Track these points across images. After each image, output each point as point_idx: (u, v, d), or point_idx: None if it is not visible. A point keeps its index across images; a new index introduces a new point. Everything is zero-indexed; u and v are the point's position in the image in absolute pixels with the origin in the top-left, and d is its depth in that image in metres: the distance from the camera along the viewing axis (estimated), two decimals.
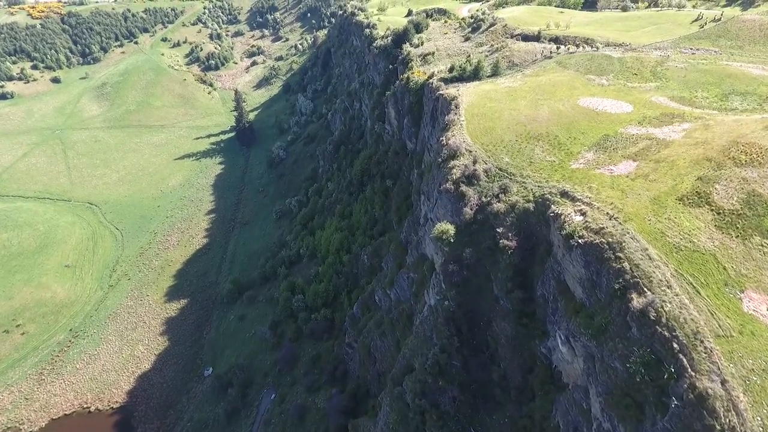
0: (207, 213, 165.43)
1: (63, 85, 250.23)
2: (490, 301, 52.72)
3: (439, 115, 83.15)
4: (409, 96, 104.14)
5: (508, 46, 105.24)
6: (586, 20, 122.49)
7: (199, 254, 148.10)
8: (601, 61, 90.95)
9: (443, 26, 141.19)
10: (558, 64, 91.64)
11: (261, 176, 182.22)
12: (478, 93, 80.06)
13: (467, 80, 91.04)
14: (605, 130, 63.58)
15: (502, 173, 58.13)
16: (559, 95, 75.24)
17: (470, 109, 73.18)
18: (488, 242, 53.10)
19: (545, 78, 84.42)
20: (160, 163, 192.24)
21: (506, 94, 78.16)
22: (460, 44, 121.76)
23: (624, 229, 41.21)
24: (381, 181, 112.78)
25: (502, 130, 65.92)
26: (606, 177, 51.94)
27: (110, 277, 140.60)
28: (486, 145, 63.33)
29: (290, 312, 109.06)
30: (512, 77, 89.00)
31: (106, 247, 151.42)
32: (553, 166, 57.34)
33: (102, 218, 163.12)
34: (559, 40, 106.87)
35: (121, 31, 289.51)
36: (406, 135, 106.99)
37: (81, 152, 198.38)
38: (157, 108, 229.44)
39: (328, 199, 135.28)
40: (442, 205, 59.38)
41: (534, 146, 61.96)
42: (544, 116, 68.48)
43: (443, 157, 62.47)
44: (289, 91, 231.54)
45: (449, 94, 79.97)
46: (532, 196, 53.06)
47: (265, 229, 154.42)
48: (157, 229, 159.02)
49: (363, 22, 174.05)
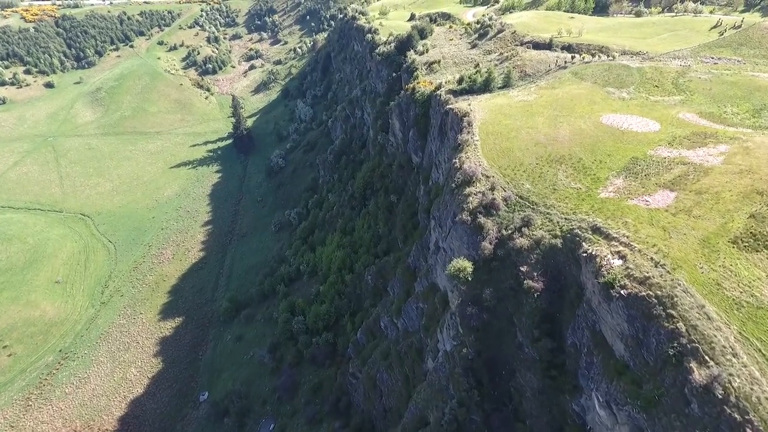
0: (203, 224, 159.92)
1: (56, 90, 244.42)
2: (513, 348, 47.44)
3: (449, 130, 77.95)
4: (414, 107, 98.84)
5: (518, 55, 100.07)
6: (599, 26, 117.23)
7: (195, 269, 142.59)
8: (619, 71, 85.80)
9: (448, 32, 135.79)
10: (574, 75, 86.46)
11: (259, 186, 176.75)
12: (491, 108, 74.79)
13: (477, 92, 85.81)
14: (633, 151, 58.39)
15: (524, 202, 52.85)
16: (579, 111, 70.04)
17: (484, 126, 67.89)
18: (510, 281, 47.83)
19: (562, 91, 79.22)
20: (156, 172, 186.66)
21: (522, 109, 72.90)
22: (467, 51, 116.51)
23: (674, 280, 35.89)
24: (385, 195, 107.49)
25: (521, 152, 60.64)
26: (642, 210, 46.70)
27: (102, 293, 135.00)
28: (504, 168, 58.03)
29: (290, 334, 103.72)
30: (526, 89, 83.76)
31: (99, 261, 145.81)
32: (579, 194, 52.11)
33: (95, 230, 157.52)
34: (572, 48, 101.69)
35: (116, 34, 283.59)
36: (412, 148, 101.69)
37: (74, 160, 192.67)
38: (152, 114, 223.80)
39: (329, 212, 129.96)
40: (457, 237, 54.09)
41: (556, 170, 56.72)
42: (565, 135, 63.25)
43: (457, 182, 57.17)
44: (288, 97, 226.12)
45: (460, 109, 74.68)
46: (559, 230, 47.81)
47: (264, 241, 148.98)
48: (152, 241, 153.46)
49: (364, 27, 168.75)
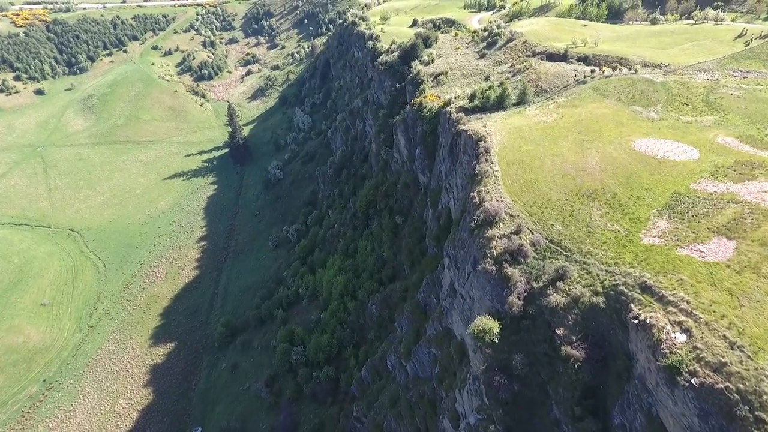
0: (198, 240, 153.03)
1: (47, 98, 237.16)
2: (548, 424, 40.90)
3: (462, 153, 71.45)
4: (421, 124, 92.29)
5: (532, 67, 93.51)
6: (615, 35, 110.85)
7: (188, 289, 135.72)
8: (643, 87, 79.38)
9: (454, 40, 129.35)
10: (595, 91, 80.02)
11: (256, 198, 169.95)
12: (509, 130, 68.27)
13: (491, 110, 79.25)
14: (673, 185, 51.92)
15: (555, 247, 46.32)
16: (607, 135, 63.58)
17: (504, 153, 61.33)
18: (544, 346, 41.29)
19: (584, 110, 72.75)
20: (148, 184, 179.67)
21: (543, 131, 66.38)
22: (475, 62, 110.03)
23: (758, 370, 29.46)
24: (389, 216, 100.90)
25: (547, 185, 54.10)
26: (697, 264, 40.22)
27: (90, 316, 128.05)
28: (529, 206, 51.47)
29: (289, 366, 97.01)
30: (544, 107, 77.24)
31: (87, 280, 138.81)
32: (618, 238, 45.62)
33: (84, 247, 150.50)
34: (588, 59, 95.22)
35: (109, 39, 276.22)
36: (419, 167, 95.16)
37: (63, 172, 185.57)
38: (146, 122, 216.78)
39: (330, 231, 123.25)
40: (478, 286, 47.54)
41: (589, 208, 50.22)
42: (595, 165, 56.76)
43: (477, 221, 50.60)
44: (286, 104, 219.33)
45: (475, 131, 68.11)
46: (600, 285, 41.31)
47: (261, 259, 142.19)
48: (144, 259, 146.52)
49: (365, 33, 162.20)
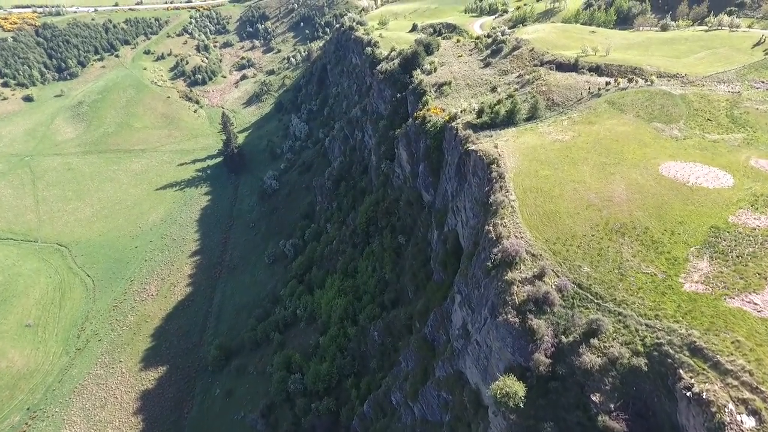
0: (191, 255, 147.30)
1: (36, 104, 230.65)
2: None
3: (471, 175, 66.27)
4: (425, 139, 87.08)
5: (541, 78, 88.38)
6: (626, 43, 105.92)
7: (180, 307, 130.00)
8: (662, 101, 74.41)
9: (456, 47, 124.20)
10: (611, 105, 74.99)
11: (251, 210, 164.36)
12: (523, 150, 63.10)
13: (501, 126, 74.13)
14: (710, 217, 46.89)
15: (584, 294, 41.17)
16: (631, 157, 58.50)
17: (519, 179, 56.12)
18: (578, 413, 36.04)
19: (602, 127, 67.70)
20: (140, 195, 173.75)
21: (560, 153, 61.25)
22: (479, 71, 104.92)
23: None
24: (391, 235, 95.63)
25: (570, 218, 48.94)
26: (753, 320, 35.11)
27: (78, 337, 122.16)
28: (552, 243, 46.30)
29: (286, 395, 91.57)
30: (557, 124, 72.16)
31: (75, 299, 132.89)
32: (656, 284, 40.51)
33: (72, 263, 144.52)
34: (600, 69, 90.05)
35: (101, 43, 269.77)
36: (422, 184, 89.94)
37: (52, 182, 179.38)
38: (137, 130, 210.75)
39: (328, 247, 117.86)
40: (498, 337, 42.33)
41: (619, 245, 45.10)
42: (621, 194, 51.65)
43: (494, 261, 45.40)
44: (282, 110, 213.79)
45: (486, 152, 62.92)
46: (640, 343, 36.18)
47: (256, 275, 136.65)
48: (134, 275, 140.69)
49: (363, 39, 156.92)
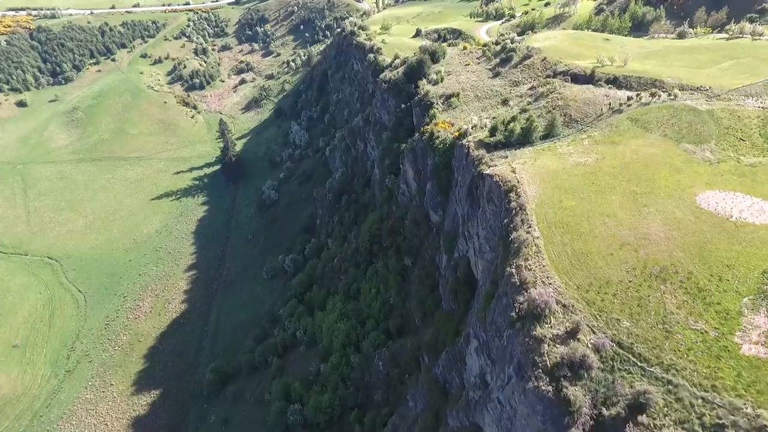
0: (186, 269, 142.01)
1: (29, 110, 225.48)
2: None
3: (486, 201, 61.06)
4: (433, 156, 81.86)
5: (556, 91, 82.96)
6: (643, 52, 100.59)
7: (175, 326, 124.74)
8: (688, 117, 69.11)
9: (463, 54, 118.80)
10: (634, 122, 69.72)
11: (250, 221, 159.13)
12: (543, 175, 57.81)
13: (515, 145, 68.84)
14: (761, 260, 41.53)
15: (626, 354, 35.88)
16: (663, 185, 53.20)
17: (542, 211, 50.83)
18: None
19: (627, 148, 62.42)
20: (135, 205, 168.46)
21: (584, 179, 55.96)
22: (488, 81, 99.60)
23: None
24: (397, 256, 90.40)
25: (603, 259, 43.66)
26: None
27: (68, 358, 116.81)
28: (585, 290, 41.02)
29: (285, 427, 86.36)
30: (577, 143, 66.90)
31: (66, 317, 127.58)
32: (708, 344, 35.23)
33: (63, 278, 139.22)
34: (619, 81, 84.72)
35: (96, 47, 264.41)
36: (430, 204, 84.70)
37: (44, 192, 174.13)
38: (133, 136, 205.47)
39: (329, 264, 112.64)
40: (526, 402, 37.04)
41: (661, 294, 39.84)
42: (658, 230, 46.38)
43: (520, 312, 40.14)
44: (281, 116, 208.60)
45: (502, 177, 57.66)
46: (697, 423, 30.89)
47: (254, 291, 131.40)
48: (128, 291, 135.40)
49: (365, 45, 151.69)
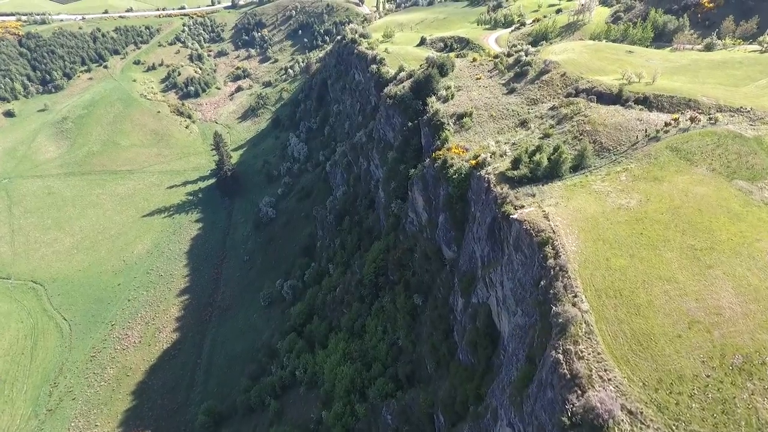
0: (178, 294, 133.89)
1: (18, 120, 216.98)
2: None
3: (513, 249, 53.07)
4: (446, 186, 73.99)
5: (582, 112, 75.07)
6: (670, 66, 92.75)
7: (166, 358, 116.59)
8: (736, 147, 61.14)
9: (472, 66, 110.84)
10: (675, 153, 61.73)
11: (246, 240, 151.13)
12: (581, 223, 49.84)
13: (542, 179, 61.00)
14: None
15: None
16: (725, 237, 45.28)
17: (587, 273, 42.85)
18: None
19: (673, 188, 54.45)
20: (125, 223, 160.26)
21: (630, 228, 47.96)
22: (503, 98, 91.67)
23: None
24: (405, 294, 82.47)
25: (670, 343, 35.64)
26: None
27: (50, 395, 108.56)
28: (653, 389, 33.01)
29: None
30: (613, 178, 58.92)
31: (49, 347, 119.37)
32: None
33: (47, 304, 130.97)
34: (649, 102, 76.74)
35: (88, 53, 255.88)
36: (443, 238, 76.76)
37: (30, 209, 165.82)
38: (124, 148, 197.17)
39: (331, 294, 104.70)
40: None
41: (749, 393, 31.88)
42: (731, 301, 38.41)
43: (573, 418, 32.16)
44: (279, 127, 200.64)
45: (534, 224, 49.70)
46: None
47: (251, 319, 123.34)
48: (116, 318, 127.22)
49: (367, 54, 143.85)
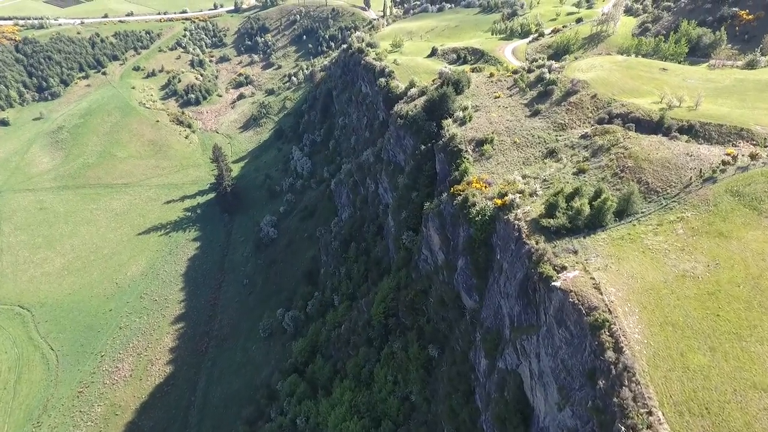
0: (173, 321, 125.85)
1: (12, 129, 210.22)
2: None
3: (555, 323, 44.45)
4: (467, 227, 65.46)
5: (620, 143, 66.39)
6: (712, 87, 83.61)
7: (158, 394, 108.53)
8: None
9: (490, 82, 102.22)
10: (737, 199, 52.82)
11: (246, 261, 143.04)
12: (640, 296, 41.12)
13: (582, 231, 52.40)
14: None
15: None
16: None
17: (659, 376, 34.04)
18: None
19: (745, 247, 45.64)
20: (119, 241, 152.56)
21: (703, 306, 39.21)
22: (527, 122, 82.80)
23: None
24: (419, 342, 74.00)
25: None
26: None
27: None
28: None
29: None
30: (667, 228, 50.18)
31: (34, 381, 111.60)
32: None
33: (34, 332, 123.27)
34: (695, 130, 67.99)
35: (86, 59, 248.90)
36: (462, 284, 68.18)
37: (20, 225, 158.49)
38: (121, 160, 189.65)
39: (335, 332, 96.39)
40: None
41: None
42: None
43: None
44: (282, 138, 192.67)
45: (582, 296, 41.06)
46: None
47: (249, 351, 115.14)
48: (106, 348, 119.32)
49: (375, 66, 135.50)
